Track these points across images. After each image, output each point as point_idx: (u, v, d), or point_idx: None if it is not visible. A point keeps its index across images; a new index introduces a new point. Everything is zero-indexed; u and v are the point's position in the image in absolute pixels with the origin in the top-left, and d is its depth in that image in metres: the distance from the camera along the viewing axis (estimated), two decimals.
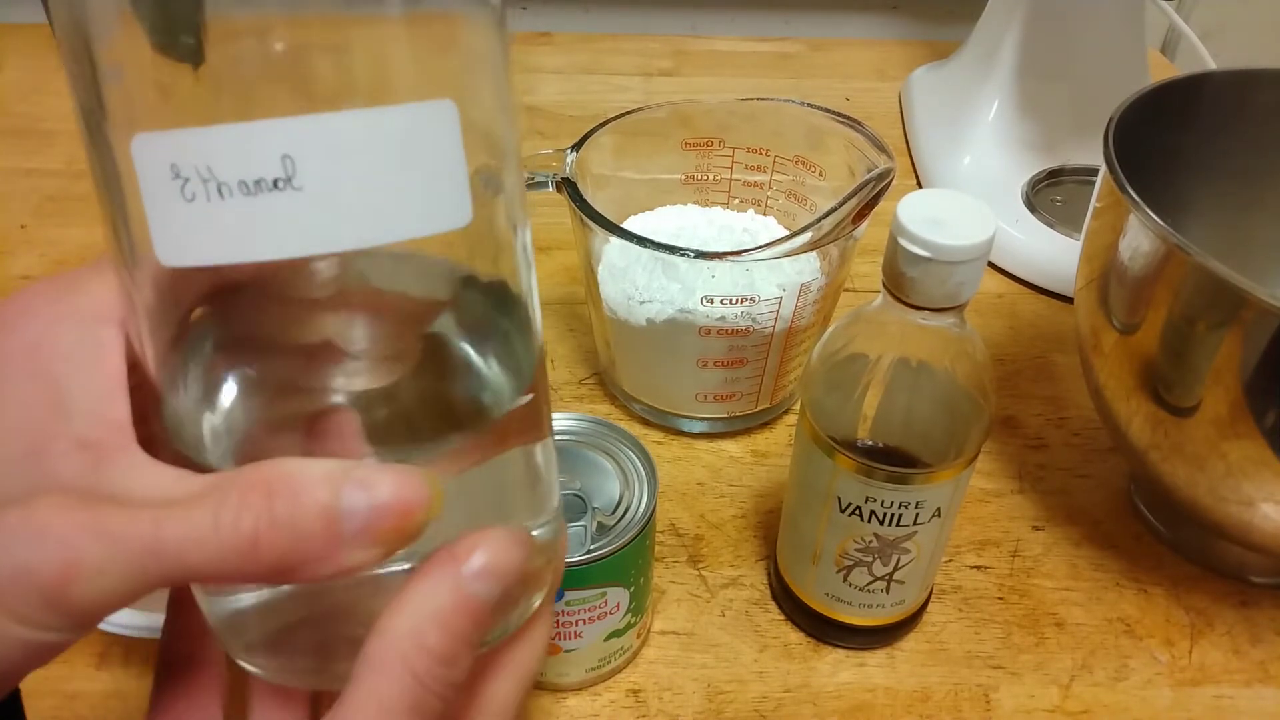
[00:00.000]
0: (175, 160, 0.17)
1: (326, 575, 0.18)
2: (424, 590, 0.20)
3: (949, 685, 0.42)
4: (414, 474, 0.18)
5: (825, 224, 0.44)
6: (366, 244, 0.18)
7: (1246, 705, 0.42)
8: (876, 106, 0.83)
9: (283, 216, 0.18)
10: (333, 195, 0.18)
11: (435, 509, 0.18)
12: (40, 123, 0.77)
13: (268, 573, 0.18)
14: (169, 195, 0.18)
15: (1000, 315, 0.62)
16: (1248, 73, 0.47)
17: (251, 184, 0.17)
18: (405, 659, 0.19)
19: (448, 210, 0.19)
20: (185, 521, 0.18)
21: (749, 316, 0.47)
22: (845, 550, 0.39)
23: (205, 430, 0.21)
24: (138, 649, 0.42)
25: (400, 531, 0.18)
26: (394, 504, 0.18)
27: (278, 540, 0.17)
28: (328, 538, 0.18)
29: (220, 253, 0.18)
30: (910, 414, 0.36)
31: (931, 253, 0.30)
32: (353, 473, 0.18)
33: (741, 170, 0.55)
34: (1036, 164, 0.69)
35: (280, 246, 0.18)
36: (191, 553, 0.18)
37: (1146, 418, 0.41)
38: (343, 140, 0.18)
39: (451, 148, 0.19)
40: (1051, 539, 0.48)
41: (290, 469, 0.18)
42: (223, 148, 0.17)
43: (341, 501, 0.18)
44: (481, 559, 0.20)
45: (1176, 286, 0.38)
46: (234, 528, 0.17)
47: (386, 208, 0.18)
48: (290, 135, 0.17)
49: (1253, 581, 0.46)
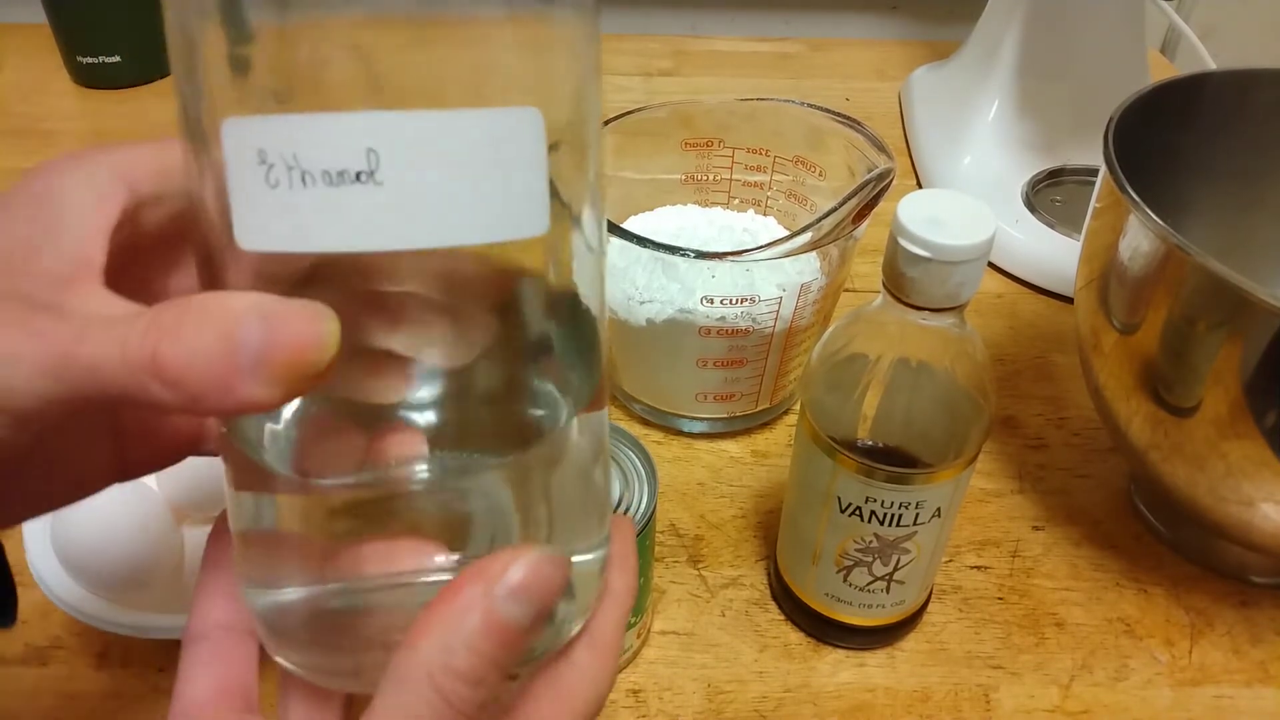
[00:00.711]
0: (263, 145, 0.18)
1: (230, 407, 0.18)
2: (454, 608, 0.20)
3: (949, 685, 0.42)
4: (316, 312, 0.18)
5: (825, 224, 0.44)
6: (441, 244, 0.19)
7: (1246, 705, 0.42)
8: (876, 106, 0.83)
9: (362, 209, 0.18)
10: (412, 192, 0.18)
11: (330, 348, 0.18)
12: (40, 123, 0.78)
13: (170, 396, 0.18)
14: (254, 180, 0.18)
15: (1000, 315, 0.62)
16: (1247, 72, 0.47)
17: (335, 174, 0.18)
18: (432, 678, 0.19)
19: (525, 217, 0.19)
20: (103, 333, 0.18)
21: (749, 316, 0.47)
22: (845, 550, 0.39)
23: (265, 432, 0.21)
24: (138, 649, 0.42)
25: (293, 368, 0.18)
26: (288, 339, 0.18)
27: (175, 360, 0.18)
28: (225, 366, 0.18)
29: (298, 241, 0.18)
30: (910, 414, 0.36)
31: (931, 253, 0.30)
32: (259, 305, 0.18)
33: (741, 170, 0.55)
34: (1036, 164, 0.69)
35: (356, 240, 0.18)
36: (102, 364, 0.18)
37: (1146, 418, 0.41)
38: (427, 138, 0.18)
39: (534, 155, 0.19)
40: (1051, 539, 0.48)
41: (204, 298, 0.18)
42: (310, 136, 0.18)
43: (239, 330, 0.18)
44: (514, 578, 0.20)
45: (1176, 287, 0.37)
46: (139, 342, 0.18)
47: (464, 210, 0.18)
48: (376, 129, 0.18)
49: (1253, 581, 0.46)
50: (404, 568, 0.22)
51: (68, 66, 0.81)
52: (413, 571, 0.22)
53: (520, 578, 0.20)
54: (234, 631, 0.24)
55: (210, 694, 0.23)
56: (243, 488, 0.22)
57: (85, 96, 0.81)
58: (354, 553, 0.22)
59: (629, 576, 0.25)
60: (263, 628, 0.23)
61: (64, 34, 0.80)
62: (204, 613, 0.24)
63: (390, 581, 0.22)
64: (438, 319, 0.22)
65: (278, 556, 0.23)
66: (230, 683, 0.23)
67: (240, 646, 0.24)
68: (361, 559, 0.22)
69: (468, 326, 0.22)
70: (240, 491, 0.22)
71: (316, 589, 0.22)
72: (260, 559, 0.23)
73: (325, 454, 0.21)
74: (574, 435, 0.23)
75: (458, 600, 0.20)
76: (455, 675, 0.19)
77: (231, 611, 0.24)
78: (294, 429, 0.21)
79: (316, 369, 0.18)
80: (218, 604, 0.24)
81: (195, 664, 0.23)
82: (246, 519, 0.22)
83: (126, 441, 0.25)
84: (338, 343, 0.18)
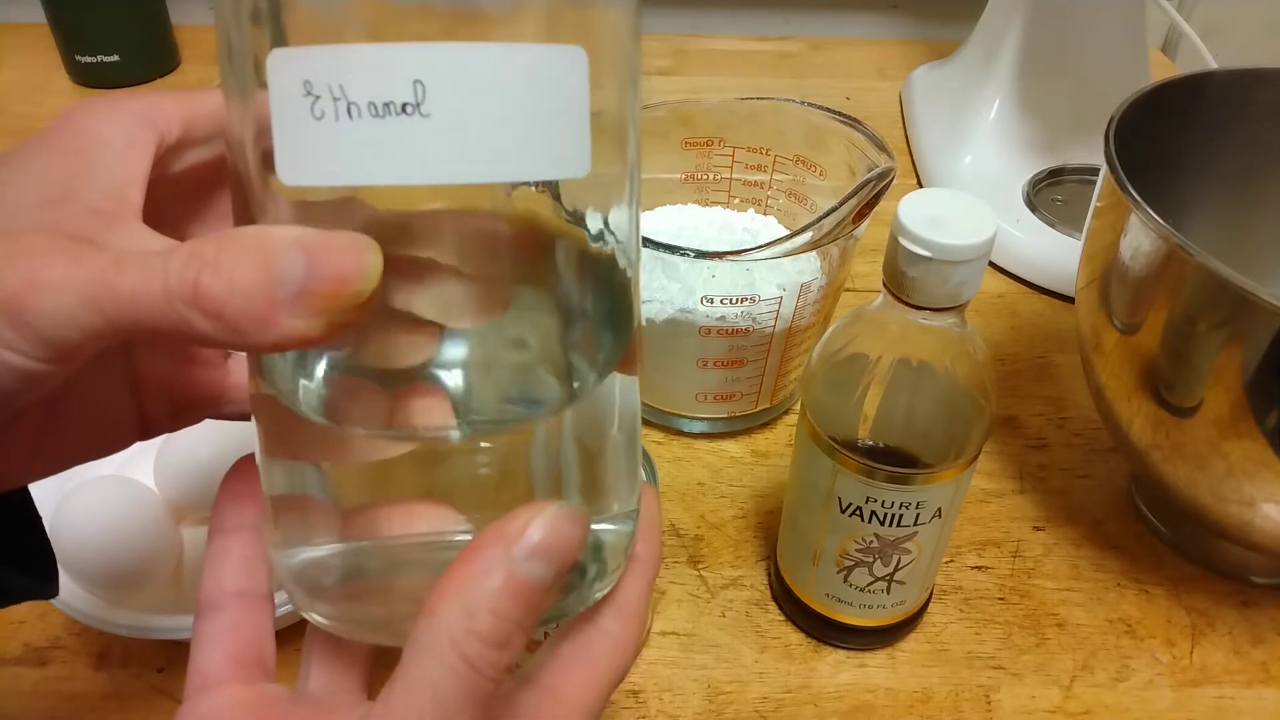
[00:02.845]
0: (309, 77, 0.17)
1: (271, 340, 0.18)
2: (474, 569, 0.19)
3: (950, 686, 0.42)
4: (358, 243, 0.18)
5: (826, 223, 0.44)
6: (485, 179, 0.18)
7: (1247, 706, 0.42)
8: (877, 106, 0.83)
9: (408, 142, 0.18)
10: (459, 125, 0.18)
11: (372, 279, 0.18)
12: (39, 122, 0.77)
13: (210, 328, 0.18)
14: (299, 112, 0.18)
15: (1001, 315, 0.62)
16: (1249, 72, 0.47)
17: (381, 106, 0.17)
18: (456, 643, 0.19)
19: (569, 157, 0.19)
20: (144, 265, 0.18)
21: (749, 316, 0.47)
22: (846, 550, 0.39)
23: (300, 388, 0.21)
24: (137, 650, 0.42)
25: (335, 299, 0.18)
26: (330, 271, 0.18)
27: (216, 291, 0.17)
28: (265, 299, 0.17)
29: (343, 174, 0.18)
30: (911, 414, 0.36)
31: (932, 252, 0.30)
32: (301, 237, 0.18)
33: (742, 170, 0.55)
34: (1037, 163, 0.69)
35: (402, 173, 0.18)
36: (142, 294, 0.18)
37: (1148, 418, 0.41)
38: (474, 70, 0.18)
39: (578, 94, 0.19)
40: (1052, 539, 0.48)
41: (244, 230, 0.18)
42: (356, 67, 0.17)
43: (280, 261, 0.17)
44: (534, 537, 0.20)
45: (1178, 286, 0.37)
46: (180, 274, 0.17)
47: (510, 144, 0.18)
48: (423, 60, 0.17)
49: (1254, 582, 0.46)
50: (434, 527, 0.22)
51: (66, 66, 0.81)
52: (442, 530, 0.22)
53: (540, 536, 0.20)
54: (248, 598, 0.24)
55: (227, 662, 0.23)
56: (275, 446, 0.22)
57: (84, 96, 0.81)
58: (384, 510, 0.22)
59: (655, 545, 0.25)
60: (293, 585, 0.23)
61: (63, 33, 0.80)
62: (216, 580, 0.24)
63: (422, 540, 0.22)
64: (469, 278, 0.22)
65: (310, 513, 0.22)
66: (246, 651, 0.23)
67: (255, 613, 0.24)
68: (392, 517, 0.22)
69: (499, 286, 0.22)
70: (274, 452, 0.22)
71: (349, 544, 0.22)
72: (292, 517, 0.22)
73: (357, 410, 0.21)
74: (604, 398, 0.23)
75: (477, 562, 0.20)
76: (479, 639, 0.19)
77: (245, 577, 0.24)
78: (325, 386, 0.21)
79: (358, 300, 0.18)
80: (230, 570, 0.24)
81: (210, 633, 0.23)
82: (279, 479, 0.22)
83: (146, 397, 0.25)
84: (380, 274, 0.18)
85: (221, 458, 0.41)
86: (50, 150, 0.21)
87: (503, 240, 0.21)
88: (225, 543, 0.24)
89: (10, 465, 0.23)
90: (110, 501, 0.40)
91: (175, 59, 0.84)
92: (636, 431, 0.24)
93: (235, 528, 0.24)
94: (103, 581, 0.39)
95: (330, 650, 0.24)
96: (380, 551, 0.22)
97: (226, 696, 0.22)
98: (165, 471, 0.42)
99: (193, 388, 0.26)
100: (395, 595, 0.22)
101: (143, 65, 0.82)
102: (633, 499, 0.24)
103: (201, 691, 0.22)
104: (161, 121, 0.22)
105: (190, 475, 0.42)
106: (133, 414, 0.25)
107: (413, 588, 0.21)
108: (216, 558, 0.24)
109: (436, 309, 0.21)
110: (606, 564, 0.23)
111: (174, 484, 0.42)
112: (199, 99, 0.23)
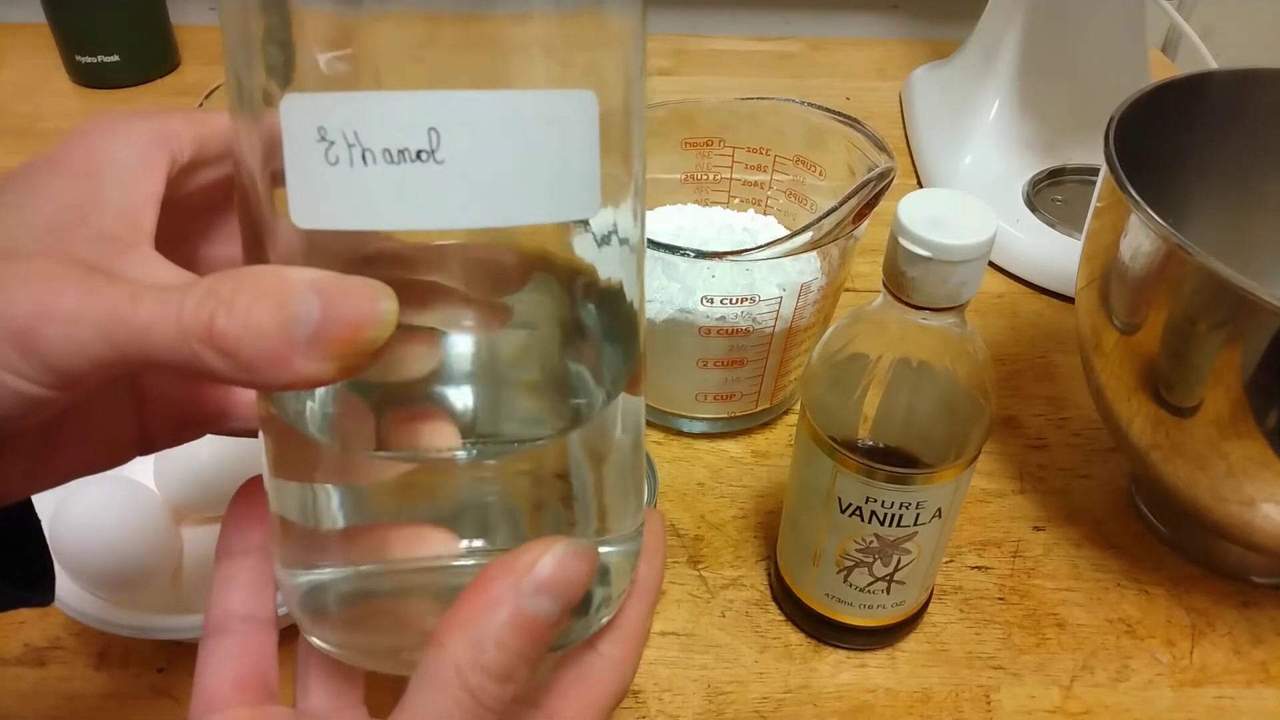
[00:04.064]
0: (323, 123, 0.18)
1: (284, 381, 0.18)
2: (482, 602, 0.20)
3: (950, 686, 0.42)
4: (374, 289, 0.18)
5: (826, 223, 0.43)
6: (497, 224, 0.19)
7: (1248, 706, 0.42)
8: (877, 106, 0.83)
9: (423, 188, 0.18)
10: (472, 172, 0.18)
11: (388, 326, 0.18)
12: (39, 122, 0.77)
13: (223, 367, 0.18)
14: (313, 157, 0.18)
15: (1001, 315, 0.62)
16: (1249, 72, 0.47)
17: (396, 153, 0.18)
18: (461, 675, 0.19)
19: (578, 199, 0.20)
20: (158, 299, 0.18)
21: (749, 316, 0.47)
22: (846, 551, 0.39)
23: (307, 411, 0.21)
24: (137, 650, 0.42)
25: (349, 344, 0.18)
26: (346, 315, 0.18)
27: (231, 331, 0.17)
28: (281, 339, 0.17)
29: (357, 219, 0.18)
30: (911, 414, 0.36)
31: (932, 252, 0.30)
32: (317, 280, 0.18)
33: (741, 170, 0.55)
34: (1037, 163, 0.69)
35: (416, 218, 0.18)
36: (157, 327, 0.18)
37: (1148, 418, 0.41)
38: (488, 118, 0.18)
39: (588, 137, 0.19)
40: (1052, 539, 0.48)
41: (261, 270, 0.18)
42: (372, 114, 0.18)
43: (296, 304, 0.17)
44: (542, 574, 0.20)
45: (1178, 286, 0.37)
46: (195, 311, 0.17)
47: (521, 190, 0.19)
48: (439, 108, 0.18)
49: (1254, 582, 0.46)
50: (442, 551, 0.22)
51: (66, 66, 0.81)
52: (451, 555, 0.22)
53: (548, 573, 0.20)
54: (252, 622, 0.24)
55: (232, 685, 0.23)
56: (285, 467, 0.22)
57: (84, 96, 0.81)
58: (393, 535, 0.22)
59: (657, 568, 0.25)
60: (300, 609, 0.23)
61: (63, 33, 0.79)
62: (222, 604, 0.24)
63: (429, 565, 0.22)
64: (477, 302, 0.22)
65: (318, 537, 0.23)
66: (250, 674, 0.23)
67: (259, 637, 0.24)
68: (400, 541, 0.22)
69: (506, 310, 0.22)
70: (282, 472, 0.22)
71: (356, 570, 0.22)
72: (300, 540, 0.23)
73: (364, 432, 0.21)
74: (611, 420, 0.23)
75: (486, 595, 0.20)
76: (484, 672, 0.20)
77: (250, 602, 0.24)
78: (332, 408, 0.21)
79: (373, 347, 0.18)
80: (235, 595, 0.24)
81: (214, 656, 0.23)
82: (287, 500, 0.22)
83: (149, 413, 0.25)
84: (395, 321, 0.18)
85: (222, 458, 0.41)
86: (61, 171, 0.21)
87: (510, 267, 0.22)
88: (232, 567, 0.24)
89: (9, 481, 0.23)
90: (110, 502, 0.40)
91: (175, 59, 0.84)
92: (642, 451, 0.25)
93: (241, 550, 0.24)
94: (103, 582, 0.39)
95: (328, 667, 0.25)
96: (386, 577, 0.22)
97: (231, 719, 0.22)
98: (165, 472, 0.42)
99: (197, 405, 0.26)
100: (400, 623, 0.23)
101: (142, 65, 0.81)
102: (638, 517, 0.25)
103: (206, 714, 0.23)
104: (174, 141, 0.22)
105: (190, 476, 0.42)
106: (134, 430, 0.25)
107: (418, 615, 0.22)
108: (224, 582, 0.24)
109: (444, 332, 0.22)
110: (612, 589, 0.24)
111: (174, 484, 0.42)
112: (209, 119, 0.23)
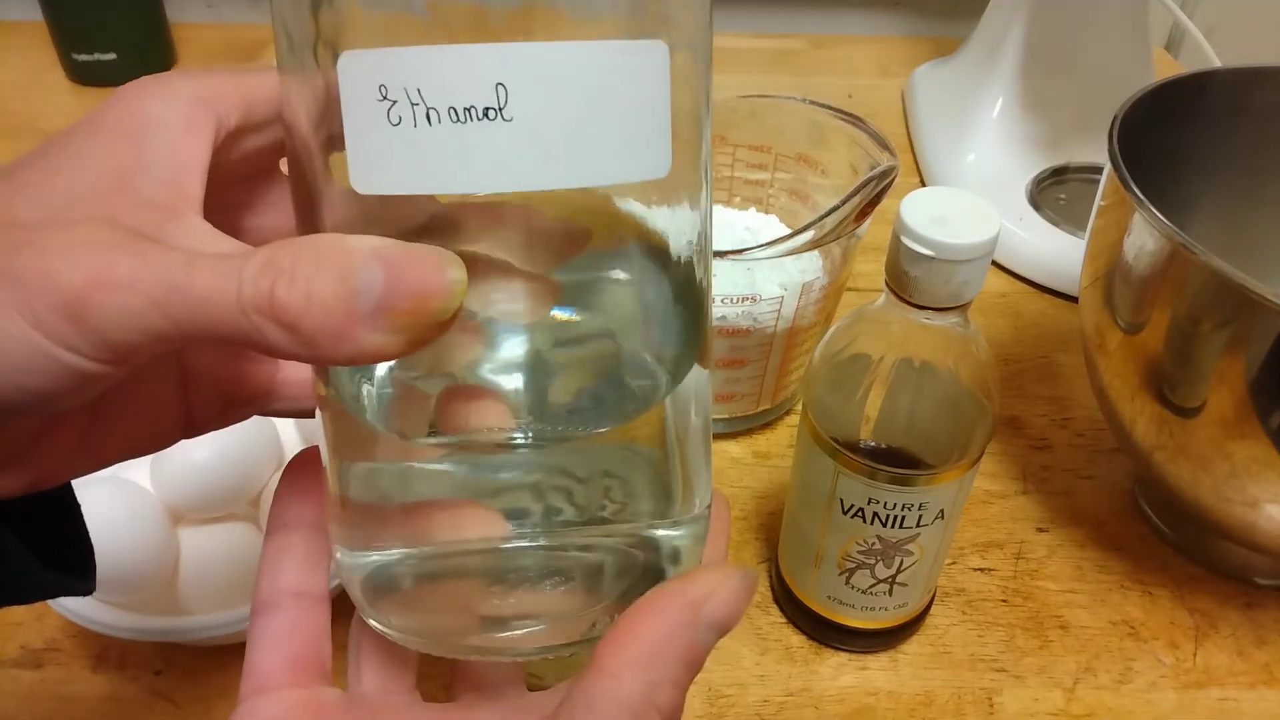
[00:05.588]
0: (385, 80, 0.17)
1: (347, 355, 0.17)
2: (657, 634, 0.19)
3: (952, 688, 0.42)
4: (442, 258, 0.17)
5: (827, 222, 0.43)
6: (569, 184, 0.18)
7: (1251, 708, 0.41)
8: (879, 104, 0.82)
9: (489, 148, 0.17)
10: (543, 129, 0.17)
11: (457, 297, 0.17)
12: (35, 120, 0.77)
13: (285, 340, 0.17)
14: (374, 118, 0.17)
15: (1004, 314, 0.62)
16: (1253, 70, 0.47)
17: (461, 111, 0.17)
18: (635, 715, 0.19)
19: (650, 158, 0.18)
20: (216, 268, 0.17)
21: (750, 316, 0.46)
22: (848, 552, 0.39)
23: (364, 392, 0.20)
24: (134, 652, 0.41)
25: (417, 316, 0.17)
26: (412, 286, 0.17)
27: (293, 302, 0.16)
28: (344, 311, 0.17)
29: (421, 182, 0.17)
30: (913, 415, 0.36)
31: (935, 251, 0.30)
32: (381, 249, 0.17)
33: (743, 168, 0.54)
34: (1041, 162, 0.68)
35: (483, 181, 0.17)
36: (215, 299, 0.17)
37: (1151, 418, 0.41)
38: (558, 71, 0.17)
39: (659, 91, 0.18)
40: (1056, 540, 0.48)
41: (322, 239, 0.17)
42: (436, 70, 0.16)
43: (360, 274, 0.17)
44: (718, 613, 0.20)
45: (1181, 285, 0.37)
46: (254, 282, 0.17)
47: (594, 148, 0.18)
48: (506, 62, 0.17)
49: (1257, 583, 0.46)
50: (504, 534, 0.21)
51: (63, 64, 0.81)
52: (513, 537, 0.21)
53: (724, 612, 0.20)
54: (305, 598, 0.23)
55: (284, 665, 0.22)
56: (345, 449, 0.22)
57: (81, 94, 0.81)
58: (456, 517, 0.21)
59: (720, 549, 0.25)
60: (361, 591, 0.22)
61: (59, 31, 0.79)
62: (273, 578, 0.23)
63: (491, 547, 0.21)
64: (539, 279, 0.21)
65: (380, 519, 0.22)
66: (303, 653, 0.22)
67: (313, 614, 0.23)
68: (463, 524, 0.21)
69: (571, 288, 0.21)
70: (340, 452, 0.22)
71: (418, 552, 0.22)
72: (363, 521, 0.22)
73: (424, 417, 0.20)
74: (679, 400, 0.22)
75: (660, 625, 0.19)
76: (658, 712, 0.19)
77: (303, 577, 0.23)
78: (390, 390, 0.21)
79: (441, 318, 0.17)
80: (288, 569, 0.23)
81: (267, 633, 0.23)
82: (349, 481, 0.22)
83: (194, 393, 0.24)
84: (464, 292, 0.17)
85: (219, 460, 0.41)
86: (103, 134, 0.20)
87: (577, 240, 0.21)
88: (286, 539, 0.23)
89: (55, 462, 0.22)
90: (107, 503, 0.39)
91: (172, 57, 0.84)
92: (709, 428, 0.24)
93: (296, 523, 0.23)
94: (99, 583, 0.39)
95: (383, 651, 0.24)
96: (450, 559, 0.22)
97: (284, 701, 0.22)
98: (162, 473, 0.42)
99: (242, 384, 0.25)
100: (462, 605, 0.22)
101: (139, 63, 0.81)
102: (707, 496, 0.24)
103: (258, 694, 0.22)
104: (221, 105, 0.21)
105: (187, 477, 0.41)
106: (179, 410, 0.24)
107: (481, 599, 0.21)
108: (275, 554, 0.23)
109: (507, 310, 0.20)
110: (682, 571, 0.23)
111: (171, 486, 0.42)
112: (256, 81, 0.22)
